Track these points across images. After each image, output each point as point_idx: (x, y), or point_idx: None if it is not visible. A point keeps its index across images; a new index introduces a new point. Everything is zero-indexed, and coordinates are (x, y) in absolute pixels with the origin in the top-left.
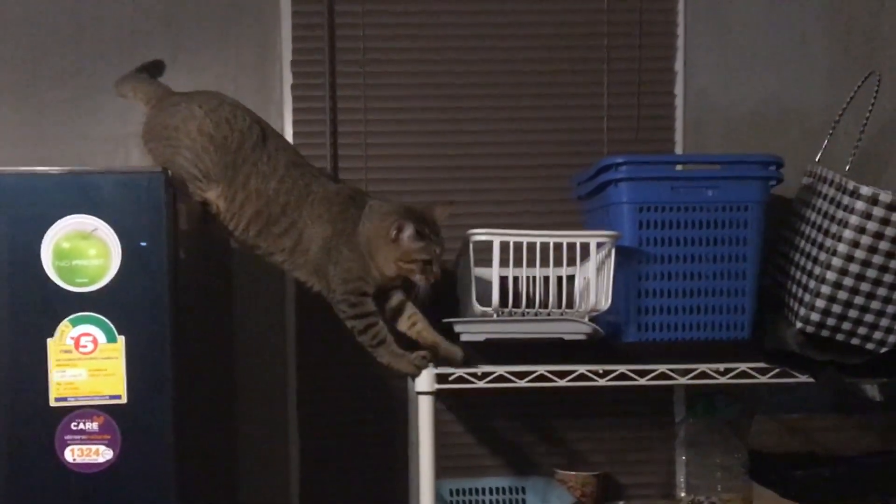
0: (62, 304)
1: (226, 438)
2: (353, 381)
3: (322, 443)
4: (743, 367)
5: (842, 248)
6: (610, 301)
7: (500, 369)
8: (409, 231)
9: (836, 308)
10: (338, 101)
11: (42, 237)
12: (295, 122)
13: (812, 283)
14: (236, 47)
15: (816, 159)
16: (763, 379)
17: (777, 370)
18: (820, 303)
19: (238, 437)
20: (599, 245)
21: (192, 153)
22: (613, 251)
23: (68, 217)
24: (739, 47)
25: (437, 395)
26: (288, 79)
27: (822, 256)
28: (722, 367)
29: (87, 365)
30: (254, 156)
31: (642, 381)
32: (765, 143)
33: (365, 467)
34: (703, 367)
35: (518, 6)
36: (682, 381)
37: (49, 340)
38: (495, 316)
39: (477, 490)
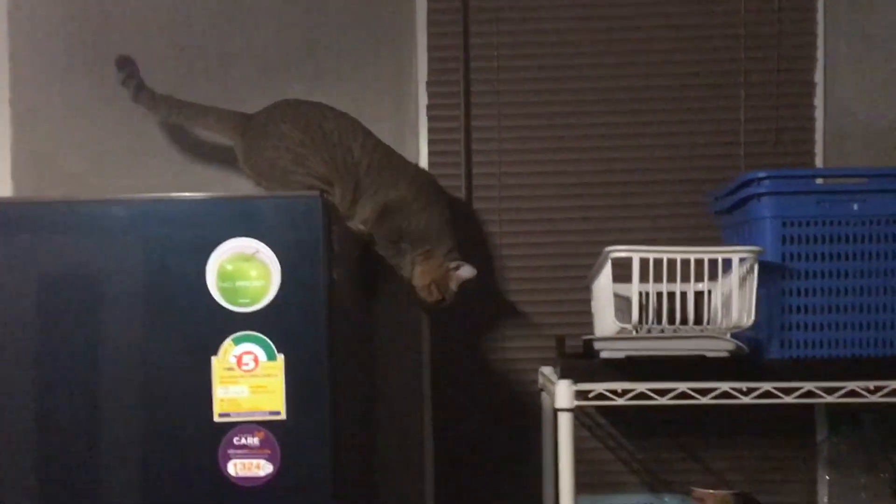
0: (226, 324)
1: (366, 453)
2: (486, 396)
3: (456, 457)
4: (894, 384)
5: None
6: (753, 317)
7: (641, 386)
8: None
9: None
10: (472, 120)
11: (207, 259)
12: (430, 142)
13: None
14: (374, 70)
15: None
16: None
17: None
18: None
19: (377, 452)
20: (742, 260)
21: (302, 167)
22: (756, 266)
23: (231, 240)
24: (881, 57)
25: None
26: (423, 99)
27: None
28: (872, 384)
29: (248, 382)
30: (341, 140)
31: (788, 399)
32: None
33: (498, 482)
34: (851, 384)
35: (653, 20)
36: (830, 399)
37: (213, 358)
38: (634, 332)
39: None
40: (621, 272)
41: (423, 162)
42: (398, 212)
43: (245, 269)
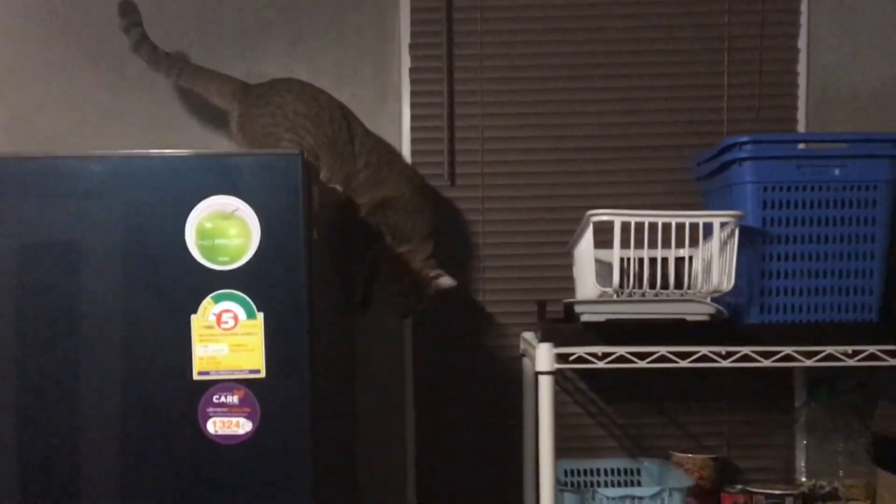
0: (205, 282)
1: (346, 416)
2: (467, 363)
3: (439, 424)
4: (872, 349)
5: None
6: (733, 282)
7: (621, 350)
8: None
9: None
10: (455, 84)
11: (186, 217)
12: (413, 105)
13: None
14: (355, 32)
15: None
16: (893, 361)
17: None
18: None
19: (357, 417)
20: (723, 225)
21: (293, 134)
22: (737, 231)
23: (211, 198)
24: (864, 23)
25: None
26: (406, 62)
27: None
28: (850, 349)
29: (228, 340)
30: (343, 126)
31: (766, 363)
32: (891, 121)
33: (479, 447)
34: (830, 349)
35: None
36: (808, 363)
37: (192, 317)
38: (615, 296)
39: (592, 471)
40: (603, 238)
41: (406, 126)
42: (391, 207)
43: (224, 227)
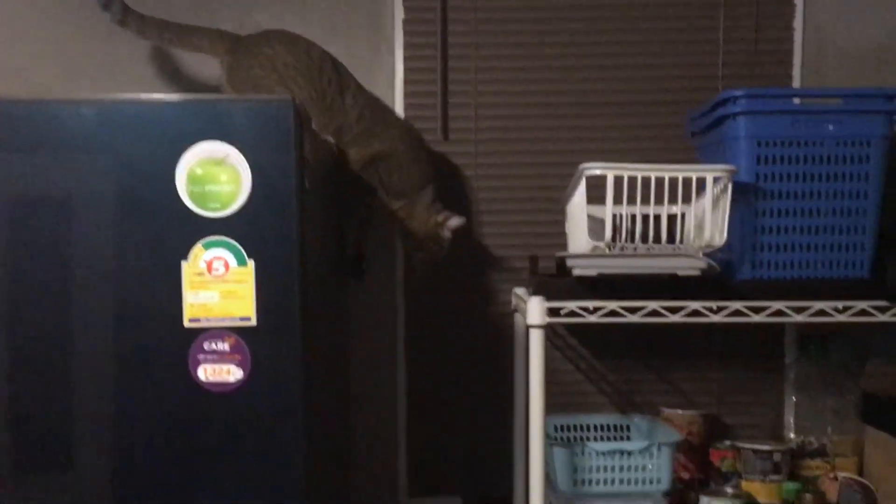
0: (195, 229)
1: (338, 368)
2: (459, 319)
3: (428, 379)
4: (863, 305)
5: None
6: (726, 237)
7: (613, 304)
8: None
9: None
10: (449, 36)
11: (177, 163)
12: (406, 59)
13: None
14: None
15: None
16: (883, 318)
17: None
18: None
19: (348, 368)
20: (716, 180)
21: (282, 86)
22: (730, 186)
23: (201, 144)
24: None
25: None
26: (399, 14)
27: None
28: (841, 304)
29: (218, 287)
30: (333, 79)
31: (757, 318)
32: (885, 78)
33: (470, 402)
34: (820, 304)
35: None
36: (799, 318)
37: (183, 263)
38: (607, 250)
39: (582, 426)
40: (596, 193)
41: (399, 79)
42: (383, 162)
43: (215, 174)
